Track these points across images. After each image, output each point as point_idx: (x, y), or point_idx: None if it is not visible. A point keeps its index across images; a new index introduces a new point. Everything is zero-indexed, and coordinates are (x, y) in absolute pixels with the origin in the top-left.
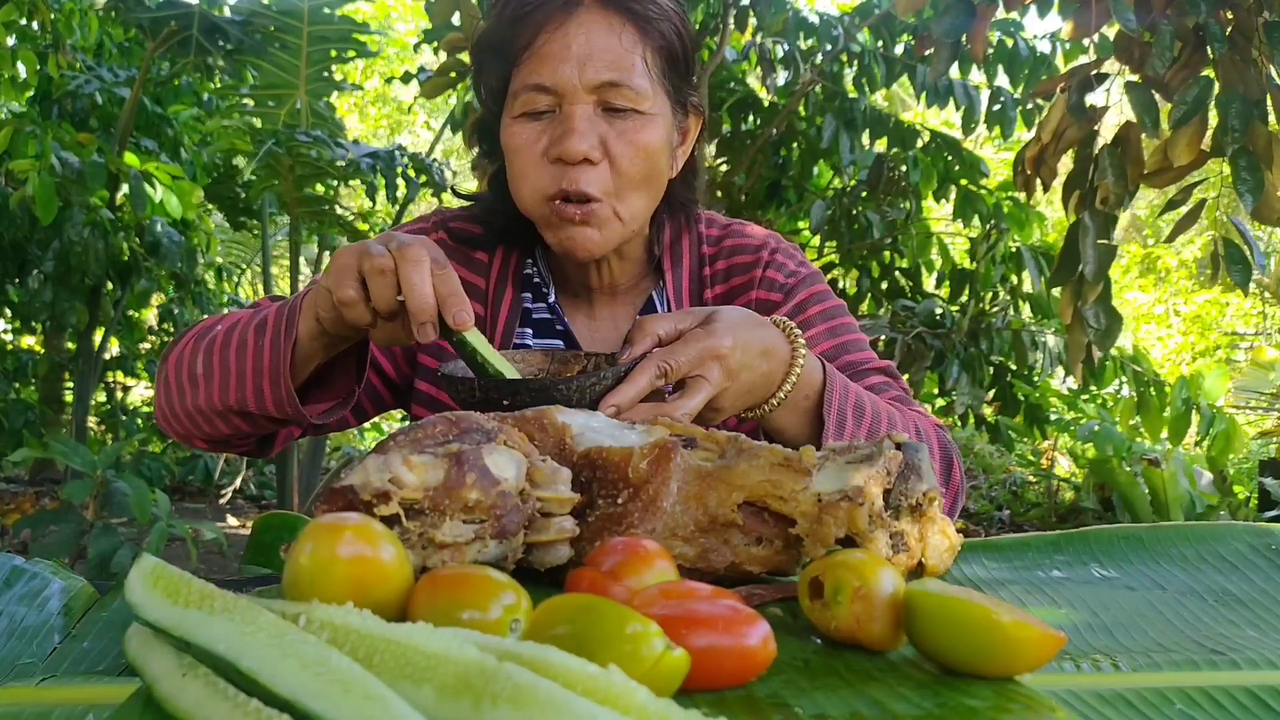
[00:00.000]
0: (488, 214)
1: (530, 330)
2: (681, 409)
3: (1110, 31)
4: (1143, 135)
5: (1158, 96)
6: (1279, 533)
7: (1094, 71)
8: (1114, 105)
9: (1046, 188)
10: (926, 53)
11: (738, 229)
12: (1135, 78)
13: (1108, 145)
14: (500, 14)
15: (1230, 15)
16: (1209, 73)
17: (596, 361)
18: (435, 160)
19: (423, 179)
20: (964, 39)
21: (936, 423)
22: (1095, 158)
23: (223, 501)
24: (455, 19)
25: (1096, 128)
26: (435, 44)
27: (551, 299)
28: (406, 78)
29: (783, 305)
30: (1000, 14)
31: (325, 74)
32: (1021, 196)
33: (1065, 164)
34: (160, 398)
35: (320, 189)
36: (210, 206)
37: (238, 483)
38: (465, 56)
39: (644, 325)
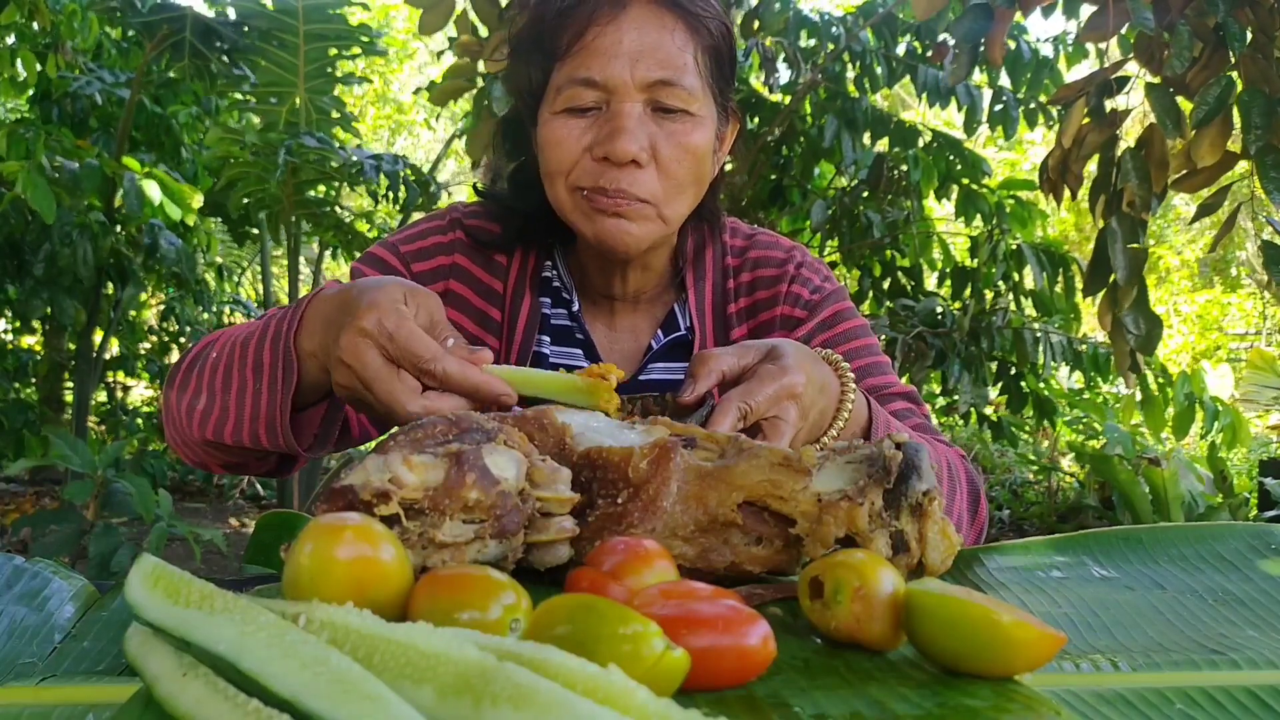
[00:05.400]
0: (506, 212)
1: (549, 338)
2: None
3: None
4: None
5: (1180, 98)
6: (1279, 533)
7: (1114, 75)
8: (1136, 108)
9: (1074, 195)
10: (945, 59)
11: (763, 239)
12: (1156, 80)
13: (1130, 148)
14: (544, 6)
15: (1251, 14)
16: (1231, 73)
17: (644, 403)
18: (432, 178)
19: (421, 200)
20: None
21: (961, 454)
22: (1117, 161)
23: (226, 502)
24: (452, 28)
25: (1118, 132)
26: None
27: (575, 307)
28: (433, 87)
29: (806, 322)
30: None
31: (329, 70)
32: (1047, 202)
33: (1089, 169)
34: (169, 428)
35: (321, 190)
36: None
37: (244, 484)
38: (480, 64)
39: (707, 361)
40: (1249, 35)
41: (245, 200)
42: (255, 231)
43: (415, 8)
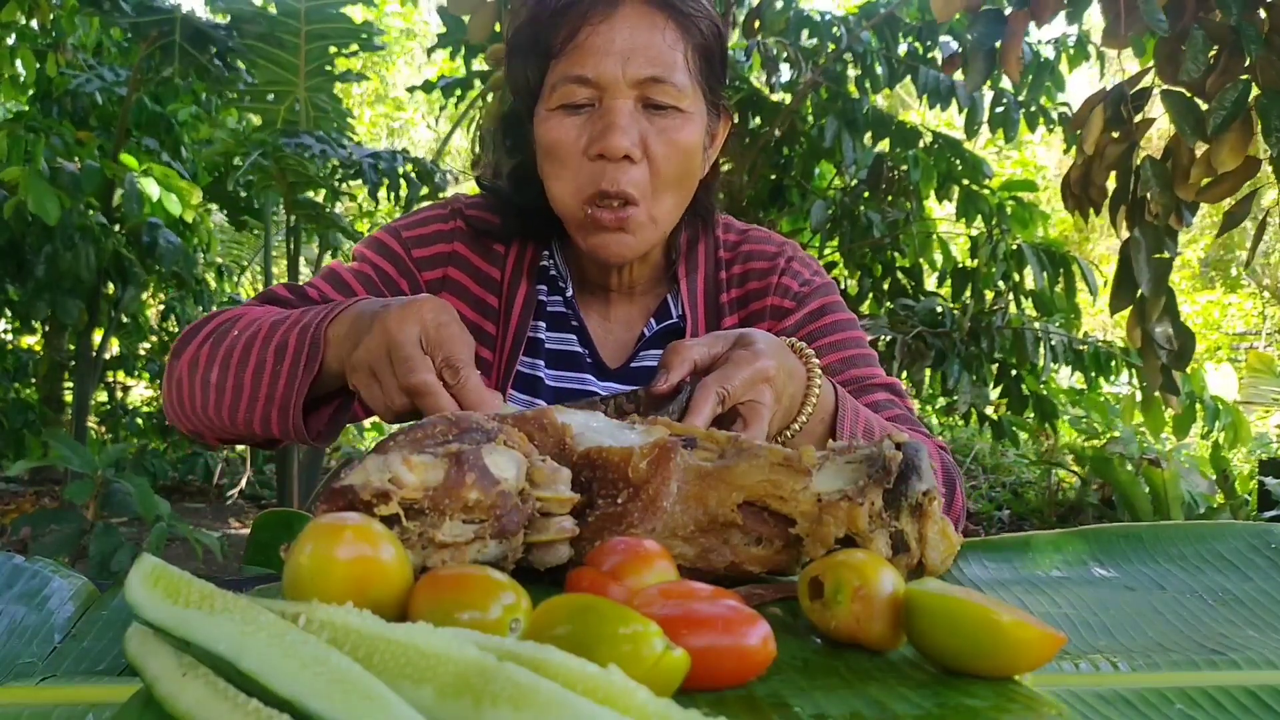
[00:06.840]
0: (506, 206)
1: (544, 324)
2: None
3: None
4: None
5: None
6: (1279, 533)
7: (1133, 89)
8: (1157, 118)
9: (1098, 209)
10: (956, 69)
11: (756, 235)
12: (1180, 90)
13: (1149, 156)
14: (540, 6)
15: (1265, 15)
16: (1246, 77)
17: (618, 402)
18: (436, 166)
19: (424, 190)
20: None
21: (940, 444)
22: (1137, 170)
23: (227, 503)
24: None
25: (1139, 141)
26: (448, 48)
27: (569, 293)
28: (428, 87)
29: (795, 313)
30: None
31: (328, 68)
32: (1071, 214)
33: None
34: (171, 394)
35: (313, 193)
36: (211, 206)
37: (242, 483)
38: None
39: (680, 351)
40: (1263, 38)
41: (257, 185)
42: (258, 225)
43: (456, 15)
